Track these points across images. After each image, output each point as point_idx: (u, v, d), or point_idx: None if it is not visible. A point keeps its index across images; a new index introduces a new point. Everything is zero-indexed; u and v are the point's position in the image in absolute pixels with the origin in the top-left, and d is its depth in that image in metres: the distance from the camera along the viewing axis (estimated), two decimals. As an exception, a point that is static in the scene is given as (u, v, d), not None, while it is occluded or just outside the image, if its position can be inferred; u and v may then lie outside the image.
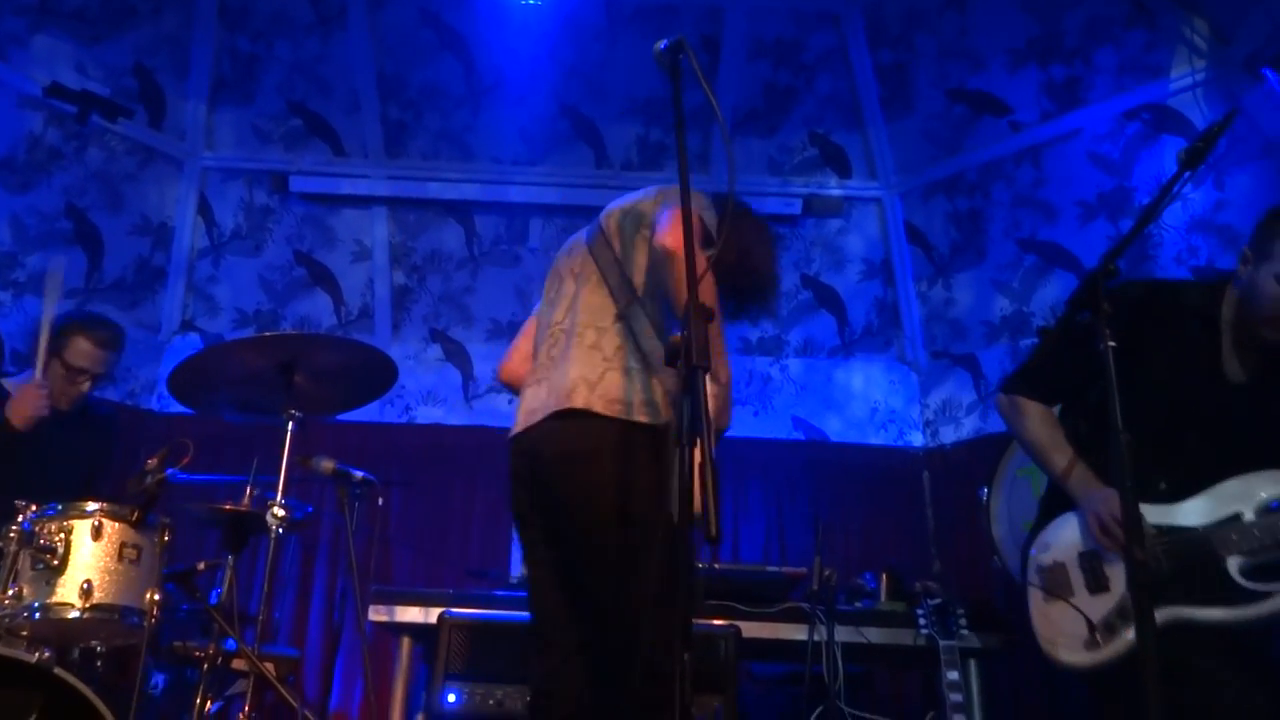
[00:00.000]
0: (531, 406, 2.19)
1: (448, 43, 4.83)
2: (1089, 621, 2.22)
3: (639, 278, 2.16)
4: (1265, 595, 2.08)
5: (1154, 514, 2.21)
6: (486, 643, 2.99)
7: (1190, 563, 2.16)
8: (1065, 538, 2.36)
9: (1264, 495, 2.16)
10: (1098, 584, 2.27)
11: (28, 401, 2.99)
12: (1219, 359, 2.29)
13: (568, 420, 2.05)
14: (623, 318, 2.13)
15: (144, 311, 5.10)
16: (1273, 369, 2.26)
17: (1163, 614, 2.08)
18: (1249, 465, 2.20)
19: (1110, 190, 4.48)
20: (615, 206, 2.33)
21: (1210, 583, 2.13)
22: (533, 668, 2.13)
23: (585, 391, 2.04)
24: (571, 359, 2.12)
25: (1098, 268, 1.91)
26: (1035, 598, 2.35)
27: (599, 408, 2.02)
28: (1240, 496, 2.18)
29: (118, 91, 4.70)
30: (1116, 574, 2.23)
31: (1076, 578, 2.30)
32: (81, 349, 3.22)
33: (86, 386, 3.27)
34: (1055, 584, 2.32)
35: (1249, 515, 2.16)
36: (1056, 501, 2.42)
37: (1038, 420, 2.44)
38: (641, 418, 2.02)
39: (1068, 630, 2.26)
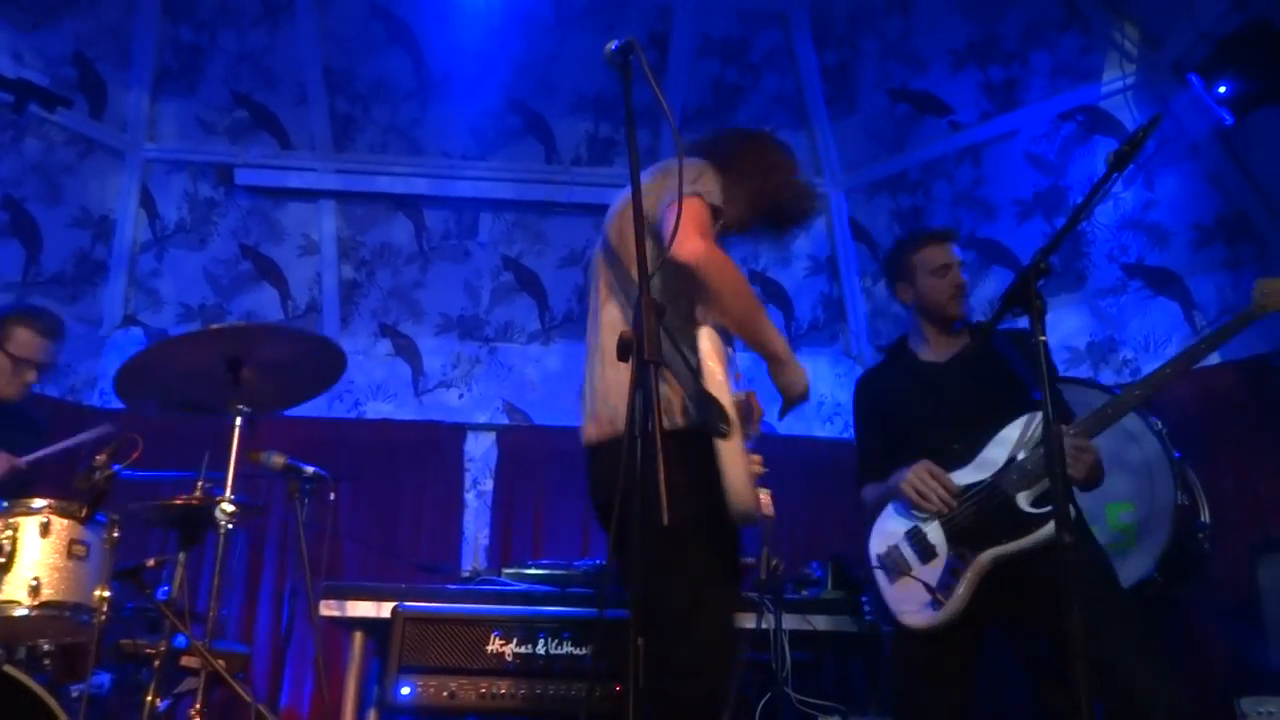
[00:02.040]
0: (584, 427, 2.21)
1: (397, 36, 4.81)
2: (929, 587, 2.57)
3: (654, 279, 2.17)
4: (1050, 515, 2.43)
5: (956, 478, 2.61)
6: (440, 635, 3.02)
7: (990, 508, 2.54)
8: (892, 524, 2.73)
9: (1027, 435, 2.56)
10: (927, 554, 2.62)
11: None
12: (921, 364, 2.85)
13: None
14: None
15: (84, 305, 5.00)
16: (962, 346, 2.82)
17: (985, 556, 2.51)
18: (1007, 416, 2.61)
19: (1046, 189, 4.62)
20: (614, 212, 2.30)
21: (1010, 520, 2.51)
22: None
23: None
24: (607, 382, 2.13)
25: (1030, 265, 2.00)
26: (882, 580, 2.69)
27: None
28: (1012, 443, 2.58)
29: (56, 81, 4.59)
30: (939, 540, 2.61)
31: (910, 554, 2.66)
32: (24, 339, 3.18)
33: (33, 377, 3.23)
34: (895, 565, 2.68)
35: (1021, 455, 2.55)
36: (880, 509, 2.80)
37: (870, 490, 2.85)
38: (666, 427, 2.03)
39: (914, 600, 2.60)
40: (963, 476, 2.62)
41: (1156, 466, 3.17)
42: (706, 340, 2.02)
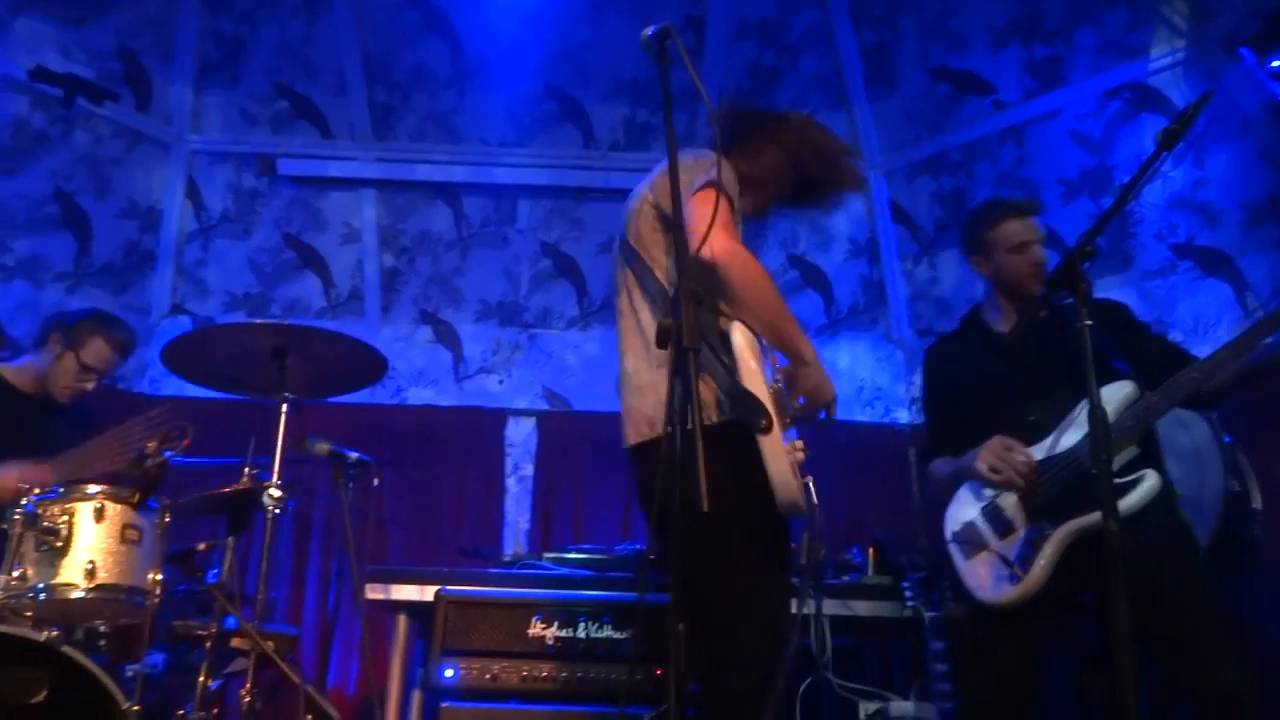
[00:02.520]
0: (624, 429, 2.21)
1: (433, 24, 4.83)
2: (1007, 560, 2.51)
3: (669, 278, 2.13)
4: (1134, 483, 2.42)
5: (1035, 451, 2.54)
6: (481, 619, 3.05)
7: (1070, 482, 2.47)
8: (966, 504, 2.67)
9: (1112, 404, 2.42)
10: (1005, 529, 2.56)
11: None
12: (994, 334, 2.78)
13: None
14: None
15: (133, 295, 5.11)
16: (1039, 316, 2.70)
17: (1063, 530, 2.45)
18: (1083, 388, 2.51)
19: (1091, 169, 4.53)
20: (631, 212, 2.28)
21: (1090, 492, 2.39)
22: None
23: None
24: (643, 384, 2.13)
25: (1076, 247, 1.97)
26: (957, 557, 2.64)
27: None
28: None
29: (102, 75, 4.69)
30: (1017, 515, 2.55)
31: (986, 530, 2.60)
32: (98, 349, 3.21)
33: (91, 386, 3.26)
34: (971, 541, 2.62)
35: None
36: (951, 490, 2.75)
37: (940, 465, 2.78)
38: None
39: (992, 575, 2.54)
40: (1041, 450, 2.55)
41: (1207, 452, 3.11)
42: (739, 335, 2.00)
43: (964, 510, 2.66)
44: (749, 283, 2.00)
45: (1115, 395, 2.48)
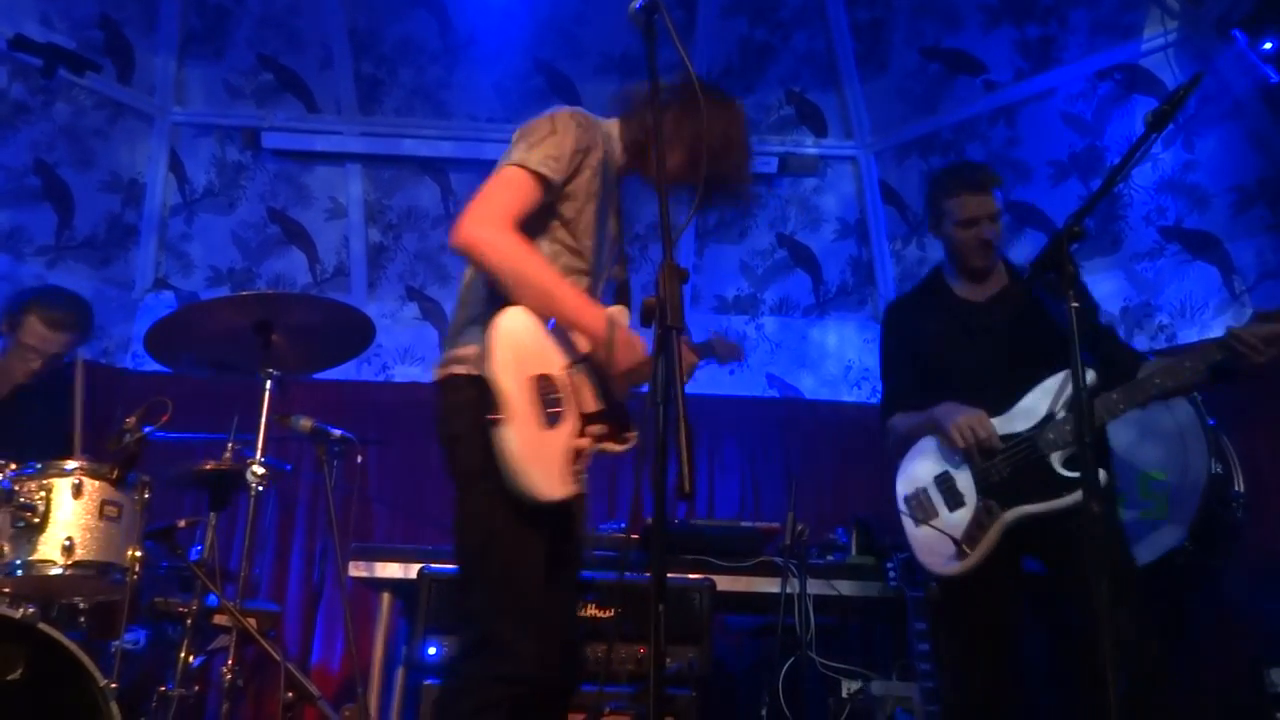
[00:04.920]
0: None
1: (421, -4, 4.76)
2: (953, 539, 2.56)
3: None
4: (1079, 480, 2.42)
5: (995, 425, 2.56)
6: (465, 597, 3.04)
7: (1024, 465, 2.52)
8: (921, 465, 2.71)
9: (1067, 391, 2.49)
10: (955, 501, 2.62)
11: None
12: (957, 300, 2.79)
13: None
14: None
15: (116, 269, 5.05)
16: (1001, 287, 2.76)
17: (1010, 514, 2.50)
18: (1046, 365, 2.55)
19: (1082, 150, 4.52)
20: None
21: (1041, 480, 2.49)
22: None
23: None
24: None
25: (1064, 227, 1.97)
26: (908, 525, 2.70)
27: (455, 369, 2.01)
28: (1051, 396, 2.55)
29: (84, 44, 4.60)
30: (968, 489, 2.60)
31: (937, 499, 2.65)
32: (32, 329, 3.16)
33: (38, 365, 3.19)
34: (921, 510, 2.68)
35: (1061, 413, 2.51)
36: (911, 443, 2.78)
37: (902, 420, 2.81)
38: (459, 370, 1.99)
39: (940, 549, 2.60)
40: (999, 425, 2.59)
41: (1190, 434, 3.12)
42: (502, 319, 1.90)
43: (918, 472, 2.72)
44: (499, 267, 1.92)
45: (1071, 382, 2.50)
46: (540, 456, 1.86)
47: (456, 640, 2.75)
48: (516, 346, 1.90)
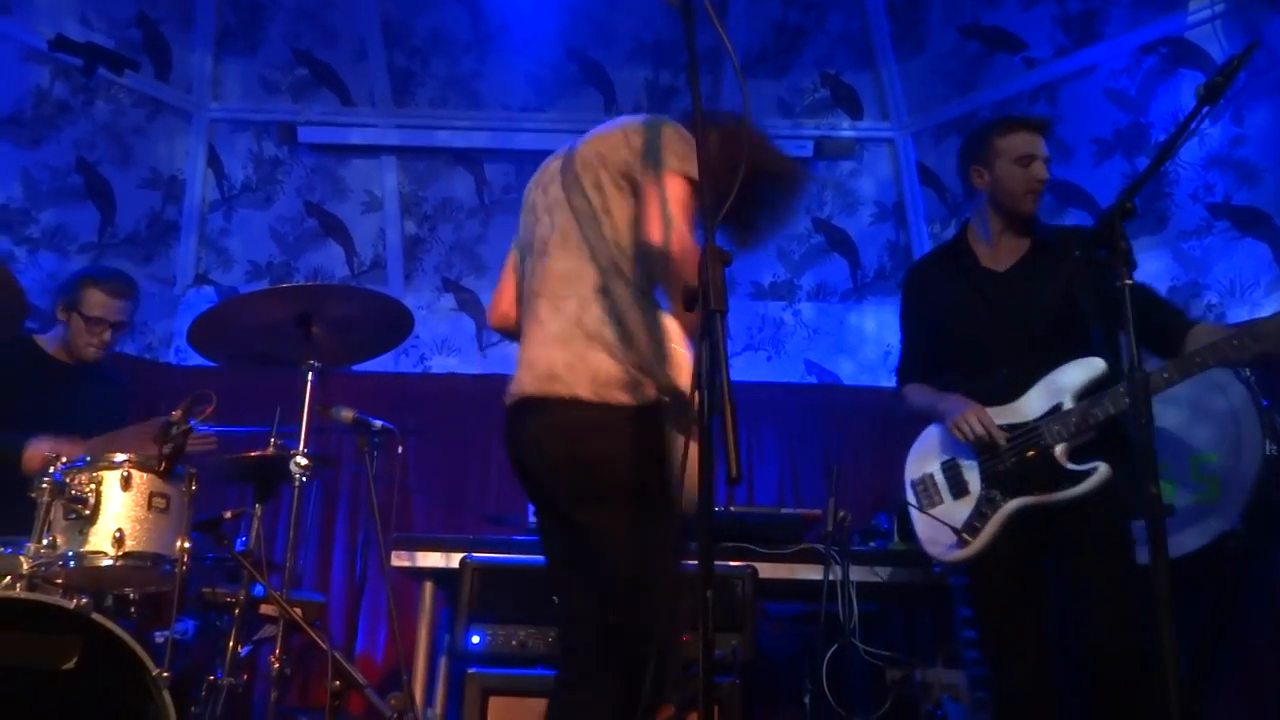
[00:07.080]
0: (517, 379, 2.01)
1: (453, -13, 4.76)
2: (954, 529, 2.56)
3: (623, 238, 1.95)
4: (1086, 474, 2.43)
5: (1001, 413, 2.54)
6: (507, 586, 3.06)
7: (1028, 457, 2.50)
8: (928, 450, 2.73)
9: (1077, 383, 2.48)
10: (959, 489, 2.63)
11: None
12: (979, 267, 2.69)
13: (550, 409, 1.90)
14: (605, 289, 1.92)
15: (158, 265, 5.12)
16: (1031, 255, 2.65)
17: (1012, 504, 2.49)
18: (1063, 350, 2.51)
19: (1126, 127, 4.42)
20: (588, 144, 2.11)
21: (1045, 472, 2.47)
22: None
23: (566, 375, 1.88)
24: (550, 334, 1.95)
25: (1115, 205, 1.92)
26: (914, 505, 2.72)
27: (583, 393, 1.86)
28: (1061, 387, 2.51)
29: (122, 43, 4.66)
30: (973, 478, 2.60)
31: (943, 486, 2.67)
32: (95, 300, 3.26)
33: (109, 336, 3.31)
34: (926, 497, 2.70)
35: (1068, 404, 2.48)
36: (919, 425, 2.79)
37: (915, 393, 2.78)
38: (625, 399, 1.86)
39: (941, 538, 2.61)
40: (1007, 414, 2.55)
41: (1244, 416, 3.04)
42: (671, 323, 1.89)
43: (927, 457, 2.73)
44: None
45: (1081, 373, 2.49)
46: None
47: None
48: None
